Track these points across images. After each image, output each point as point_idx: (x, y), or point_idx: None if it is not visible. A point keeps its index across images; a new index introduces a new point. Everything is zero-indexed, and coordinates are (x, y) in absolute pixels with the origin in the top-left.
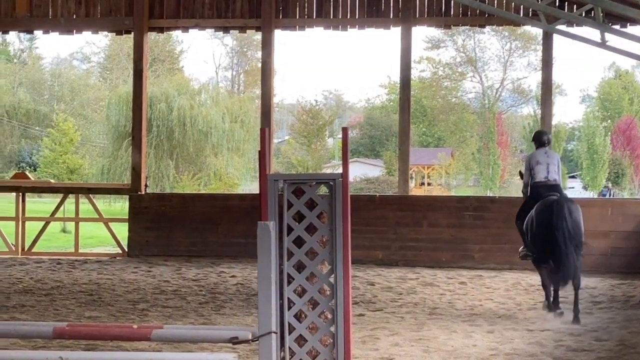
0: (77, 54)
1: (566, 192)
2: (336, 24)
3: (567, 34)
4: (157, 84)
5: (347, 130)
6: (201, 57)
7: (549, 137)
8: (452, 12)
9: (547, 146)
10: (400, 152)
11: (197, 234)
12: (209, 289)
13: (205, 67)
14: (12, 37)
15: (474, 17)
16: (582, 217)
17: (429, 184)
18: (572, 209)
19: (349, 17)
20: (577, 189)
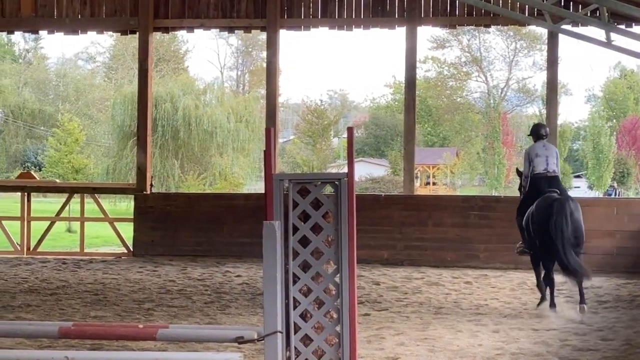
0: (82, 54)
1: (565, 186)
2: (341, 23)
3: (572, 33)
4: (162, 84)
5: (352, 129)
6: (206, 57)
7: (546, 130)
8: (457, 12)
9: (545, 139)
10: (405, 151)
11: (203, 234)
12: (215, 288)
13: (210, 67)
14: (17, 37)
15: (479, 16)
16: (582, 216)
17: (434, 184)
18: (572, 208)
19: (354, 17)
20: (582, 189)
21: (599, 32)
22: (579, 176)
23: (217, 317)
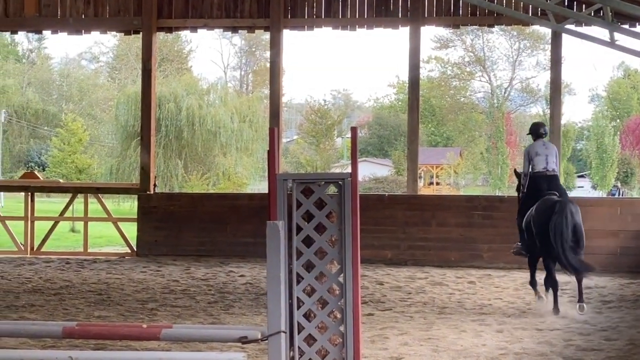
0: (85, 54)
1: (569, 186)
2: (345, 23)
3: (576, 33)
4: (165, 84)
5: (356, 129)
6: (209, 57)
7: (545, 129)
8: (461, 12)
9: (544, 137)
10: (409, 151)
11: (206, 234)
12: (218, 288)
13: (213, 67)
14: (20, 37)
15: (482, 16)
16: (581, 219)
17: (438, 184)
18: (573, 211)
19: (357, 16)
20: (586, 188)
21: (602, 32)
22: (582, 176)
23: (220, 317)
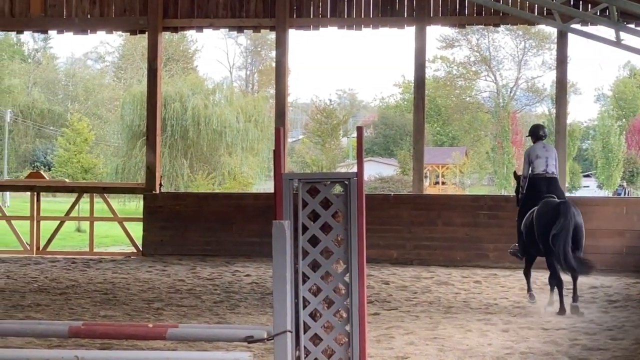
0: (91, 54)
1: (570, 186)
2: (350, 23)
3: (581, 32)
4: (171, 84)
5: (362, 129)
6: (215, 56)
7: (544, 131)
8: (467, 11)
9: (544, 139)
10: (414, 151)
11: (212, 233)
12: (224, 288)
13: (219, 67)
14: (26, 37)
15: (488, 16)
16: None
17: (444, 183)
18: (575, 213)
19: (363, 16)
20: (591, 188)
21: (608, 32)
22: (588, 175)
23: (226, 316)
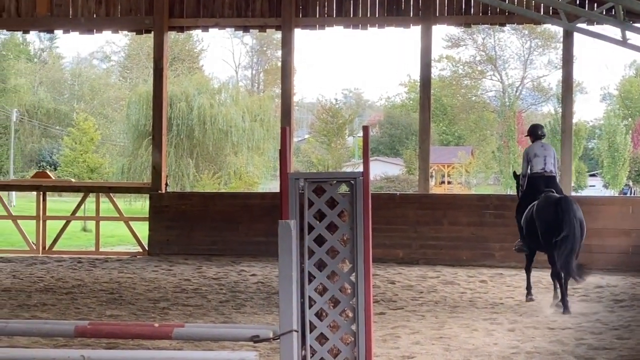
0: (97, 53)
1: (580, 185)
2: (356, 22)
3: (587, 32)
4: (177, 83)
5: (368, 128)
6: (221, 56)
7: (543, 131)
8: (473, 11)
9: (542, 139)
10: (420, 150)
11: (218, 233)
12: (230, 287)
13: (225, 66)
14: (32, 36)
15: (494, 15)
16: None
17: (449, 183)
18: (575, 209)
19: (368, 15)
20: (597, 187)
21: (614, 31)
22: (594, 175)
23: (232, 316)
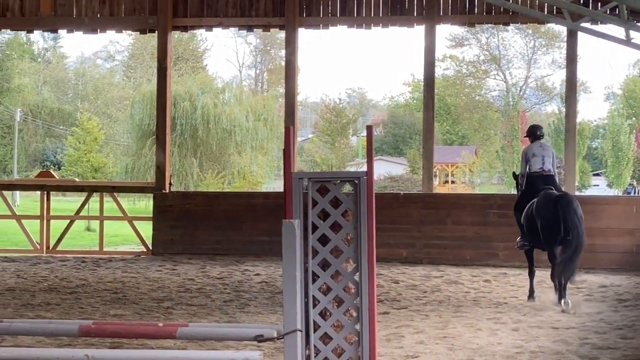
0: (101, 53)
1: (584, 184)
2: (360, 22)
3: (591, 31)
4: (181, 83)
5: (371, 128)
6: (225, 55)
7: (542, 131)
8: (476, 10)
9: (541, 139)
10: (424, 150)
11: (222, 232)
12: (234, 287)
13: (228, 66)
14: (36, 36)
15: (498, 14)
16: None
17: (453, 182)
18: (576, 206)
19: (372, 15)
20: (601, 187)
21: (618, 30)
22: (598, 174)
23: (236, 315)
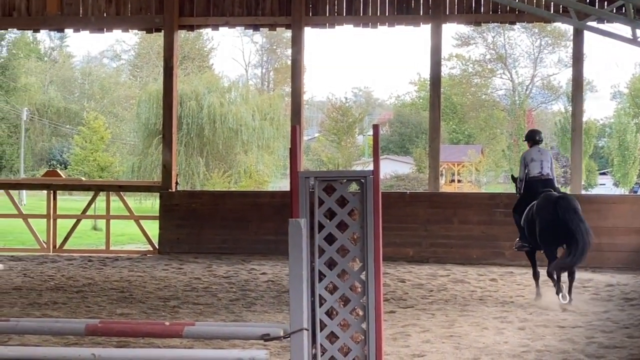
0: (107, 52)
1: (591, 183)
2: (366, 21)
3: (598, 30)
4: (187, 82)
5: (378, 127)
6: (231, 54)
7: (540, 136)
8: (483, 9)
9: (539, 144)
10: (430, 149)
11: (228, 232)
12: (240, 286)
13: (235, 65)
14: (42, 35)
15: (504, 13)
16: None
17: (459, 181)
18: (576, 206)
19: (378, 14)
20: (608, 186)
21: (624, 29)
22: (604, 173)
23: (242, 314)
